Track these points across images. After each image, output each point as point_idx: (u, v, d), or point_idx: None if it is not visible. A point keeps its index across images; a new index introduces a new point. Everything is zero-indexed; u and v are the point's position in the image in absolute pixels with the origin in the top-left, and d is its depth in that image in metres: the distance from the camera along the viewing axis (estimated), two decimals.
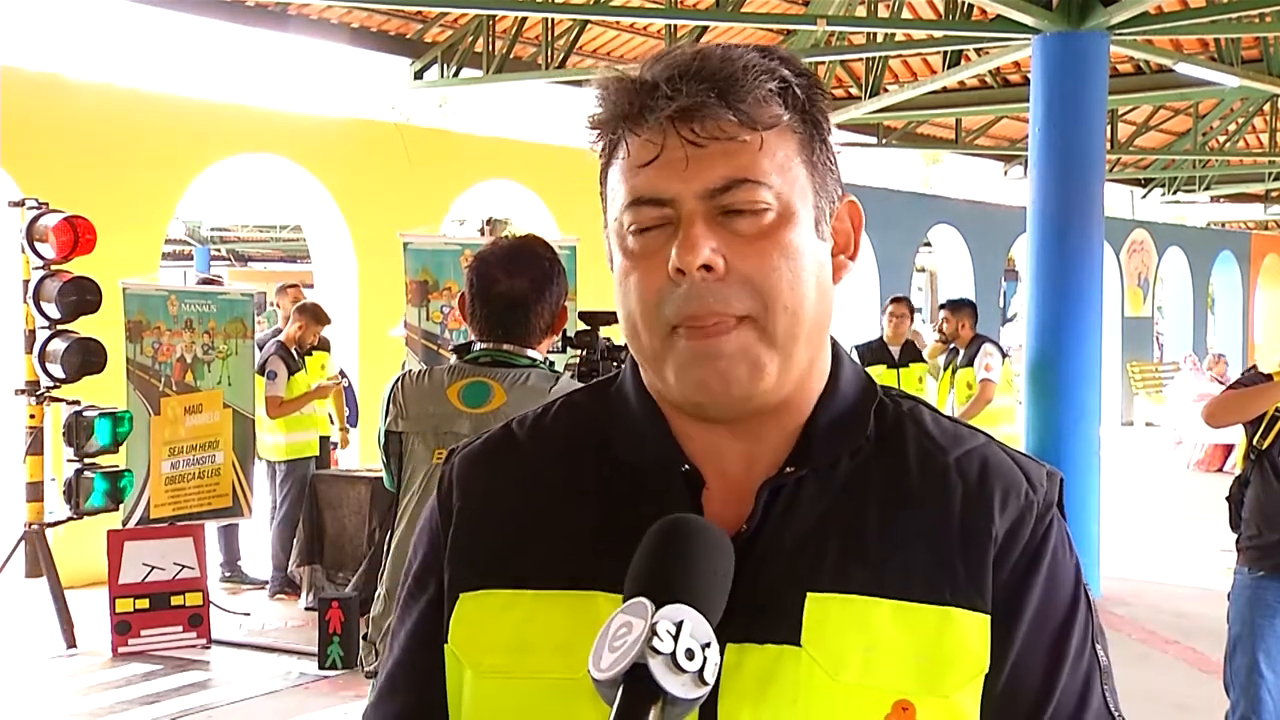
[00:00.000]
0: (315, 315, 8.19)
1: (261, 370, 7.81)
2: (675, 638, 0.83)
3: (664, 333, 0.97)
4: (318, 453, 8.16)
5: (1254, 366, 4.47)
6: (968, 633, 0.97)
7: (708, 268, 0.95)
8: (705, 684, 0.83)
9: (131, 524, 6.96)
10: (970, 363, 7.94)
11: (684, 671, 0.82)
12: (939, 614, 0.97)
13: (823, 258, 1.01)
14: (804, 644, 0.96)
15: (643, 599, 0.85)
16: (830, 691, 0.95)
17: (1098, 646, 1.04)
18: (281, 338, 8.08)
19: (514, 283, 2.81)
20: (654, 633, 0.82)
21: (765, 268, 0.96)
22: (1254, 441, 4.29)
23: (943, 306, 8.32)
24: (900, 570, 0.98)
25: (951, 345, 8.16)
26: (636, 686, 0.82)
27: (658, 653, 0.82)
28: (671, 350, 0.98)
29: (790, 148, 0.99)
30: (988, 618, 0.98)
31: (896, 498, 1.01)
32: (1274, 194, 22.69)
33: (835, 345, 1.07)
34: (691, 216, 0.96)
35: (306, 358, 8.06)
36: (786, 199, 0.98)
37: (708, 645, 0.84)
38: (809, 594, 0.97)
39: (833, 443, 1.02)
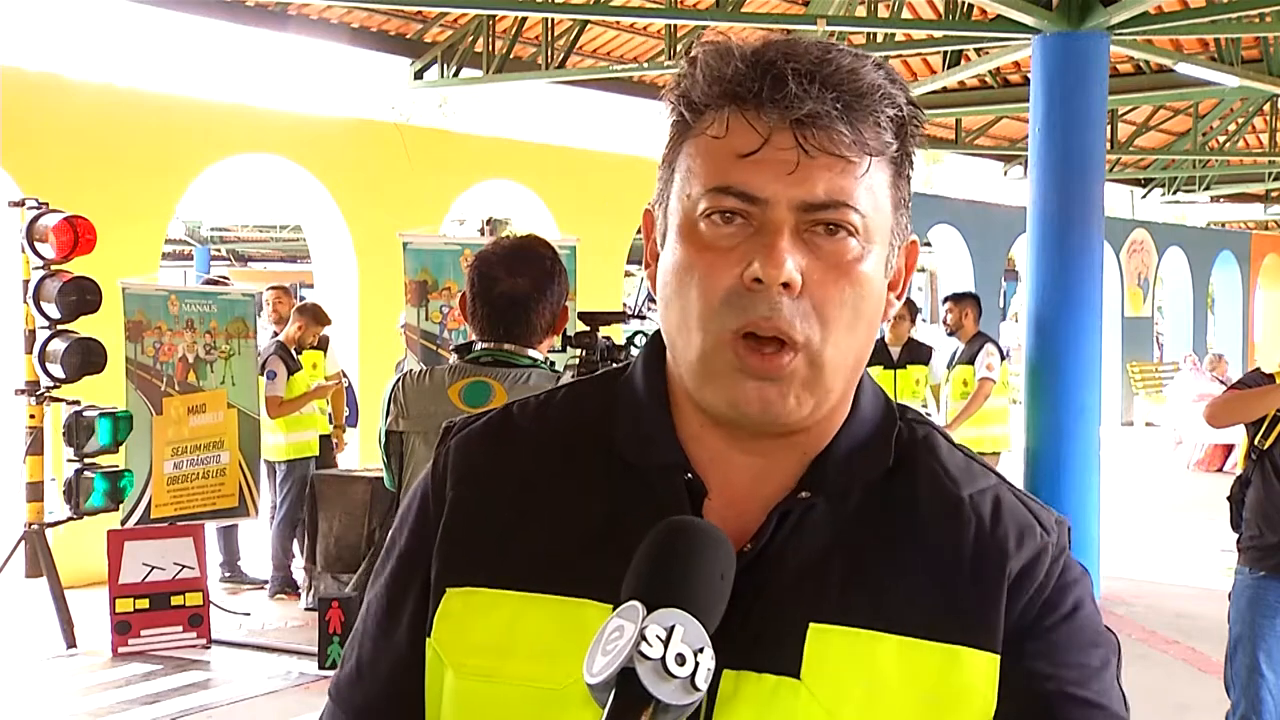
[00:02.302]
0: (315, 315, 8.19)
1: (261, 370, 7.81)
2: (665, 643, 0.81)
3: (722, 337, 0.93)
4: (318, 452, 8.16)
5: (1258, 369, 4.47)
6: (974, 673, 0.94)
7: (786, 284, 0.91)
8: (697, 690, 0.81)
9: (131, 523, 6.95)
10: (970, 360, 7.97)
11: (674, 677, 0.81)
12: (945, 652, 0.94)
13: (882, 295, 0.98)
14: (803, 677, 0.93)
15: (635, 602, 0.84)
16: None
17: (1119, 685, 1.02)
18: (281, 338, 8.08)
19: (515, 282, 2.81)
20: (643, 637, 0.81)
21: (835, 299, 0.93)
22: (1255, 441, 4.30)
23: (946, 299, 8.37)
24: (905, 604, 0.95)
25: (952, 335, 8.19)
26: (626, 691, 0.81)
27: (646, 658, 0.81)
28: (721, 357, 0.94)
29: (885, 179, 0.96)
30: (997, 658, 0.95)
31: (905, 529, 0.98)
32: (1274, 194, 22.67)
33: None
34: (780, 225, 0.92)
35: (299, 356, 8.06)
36: (871, 231, 0.95)
37: (700, 650, 0.82)
38: (811, 624, 0.94)
39: (850, 471, 0.99)
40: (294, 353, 7.99)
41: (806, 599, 0.95)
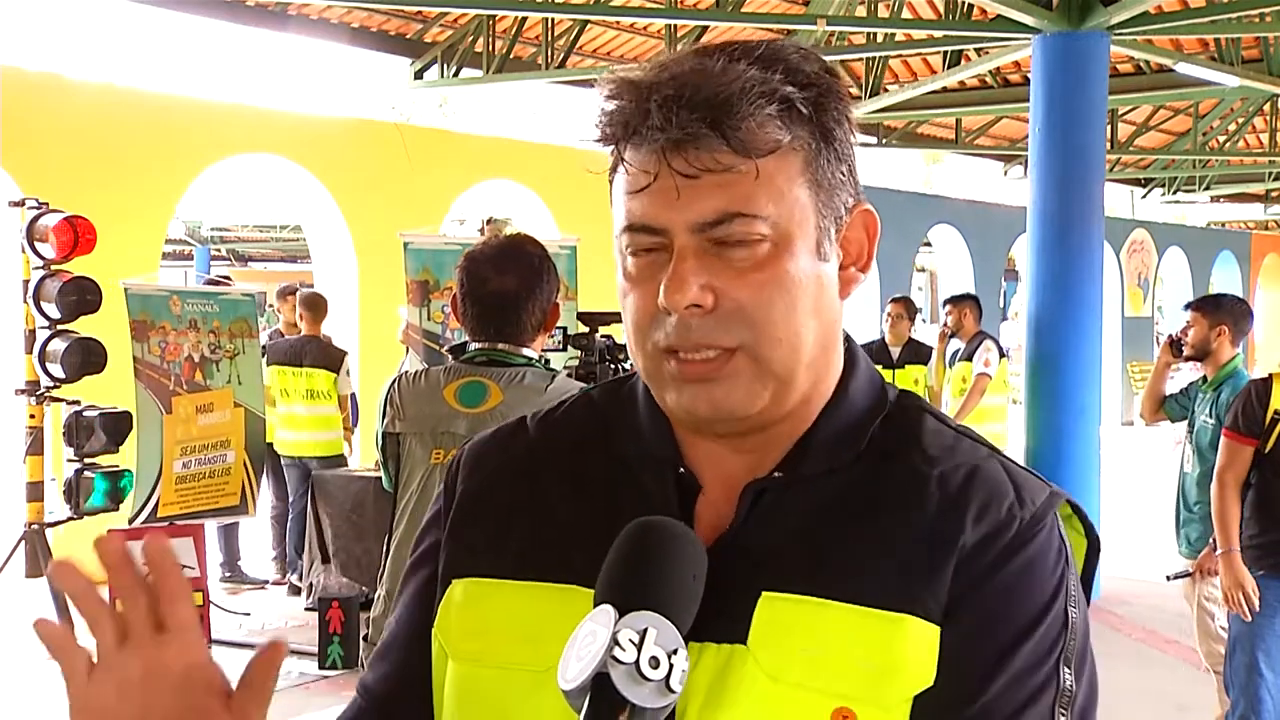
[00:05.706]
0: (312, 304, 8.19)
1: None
2: (639, 646, 0.82)
3: (655, 355, 0.97)
4: (317, 453, 8.16)
5: (1250, 395, 4.38)
6: (917, 643, 0.93)
7: (697, 305, 0.93)
8: (673, 692, 0.82)
9: (138, 523, 6.92)
10: (969, 357, 7.99)
11: (648, 680, 0.81)
12: (890, 620, 0.93)
13: (825, 278, 0.98)
14: (750, 644, 0.93)
15: (607, 606, 0.84)
16: (769, 693, 0.92)
17: (1064, 669, 0.95)
18: (279, 325, 8.08)
19: (504, 281, 2.81)
20: (616, 642, 0.82)
21: (758, 300, 0.94)
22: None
23: (946, 302, 8.40)
24: (856, 574, 0.94)
25: (953, 336, 8.21)
26: (602, 696, 0.81)
27: (620, 662, 0.81)
28: (663, 371, 0.97)
29: (792, 169, 0.95)
30: (938, 629, 0.93)
31: (869, 507, 0.98)
32: (1274, 194, 22.69)
33: (853, 353, 1.05)
34: (683, 251, 0.94)
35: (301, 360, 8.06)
36: (784, 227, 0.95)
37: (674, 653, 0.82)
38: (763, 593, 0.95)
39: (827, 455, 1.00)
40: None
41: (766, 573, 0.96)
